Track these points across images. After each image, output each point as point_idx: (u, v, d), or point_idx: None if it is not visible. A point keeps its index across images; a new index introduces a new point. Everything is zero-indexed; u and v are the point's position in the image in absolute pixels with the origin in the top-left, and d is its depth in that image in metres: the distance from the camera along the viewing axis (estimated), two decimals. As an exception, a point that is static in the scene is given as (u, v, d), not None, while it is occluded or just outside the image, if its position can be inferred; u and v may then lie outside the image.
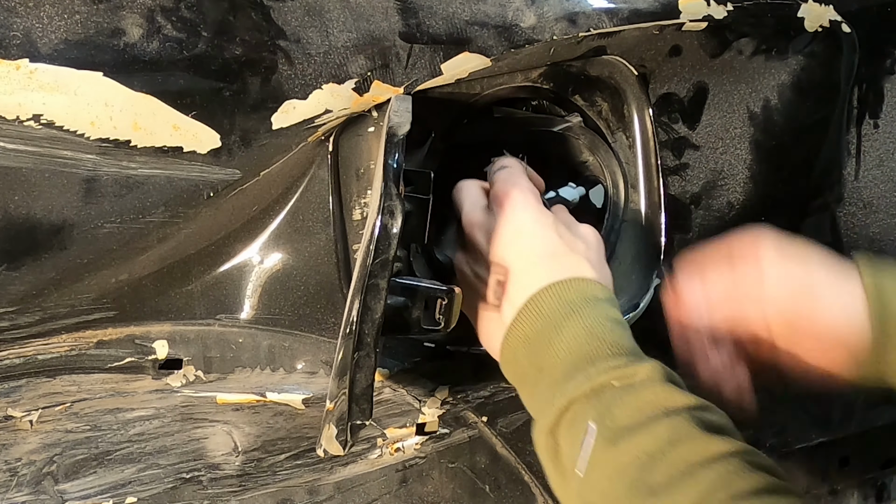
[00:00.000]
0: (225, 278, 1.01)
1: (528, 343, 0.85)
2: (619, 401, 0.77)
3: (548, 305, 0.85)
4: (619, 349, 0.81)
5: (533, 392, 0.85)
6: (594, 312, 0.84)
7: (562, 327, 0.83)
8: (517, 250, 0.89)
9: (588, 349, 0.81)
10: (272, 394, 1.02)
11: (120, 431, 1.01)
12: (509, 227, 0.90)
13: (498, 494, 1.14)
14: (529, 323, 0.85)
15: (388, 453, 1.08)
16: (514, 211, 0.91)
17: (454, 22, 0.96)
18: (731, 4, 1.05)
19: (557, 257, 0.88)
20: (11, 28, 0.84)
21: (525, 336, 0.85)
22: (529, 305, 0.85)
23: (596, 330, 0.82)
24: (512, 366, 0.88)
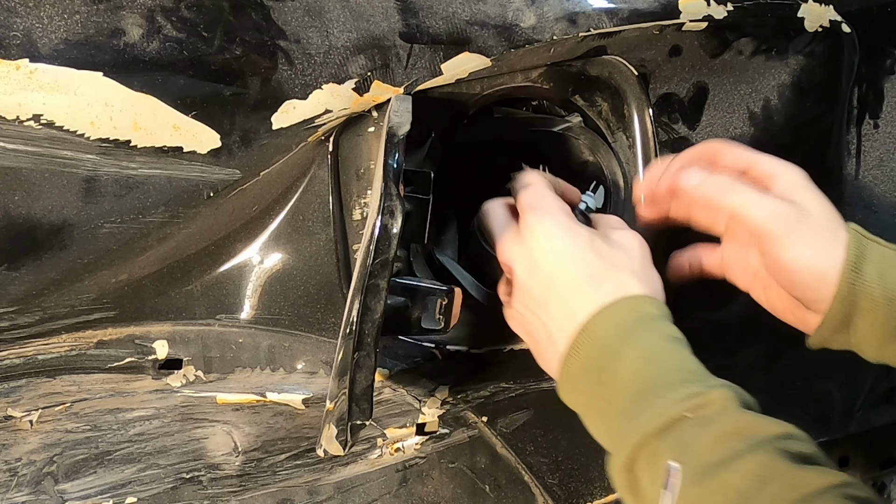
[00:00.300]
0: (225, 278, 1.01)
1: (588, 372, 0.82)
2: (697, 436, 0.74)
3: (601, 332, 0.82)
4: (685, 374, 0.79)
5: (600, 422, 0.82)
6: (651, 334, 0.81)
7: (620, 354, 0.80)
8: (558, 277, 0.86)
9: (653, 377, 0.79)
10: (272, 394, 1.02)
11: (120, 431, 1.01)
12: (545, 254, 0.87)
13: (498, 494, 1.14)
14: (585, 352, 0.82)
15: (388, 453, 1.08)
16: (548, 236, 0.87)
17: (454, 22, 0.96)
18: (731, 4, 1.05)
19: (600, 278, 0.85)
20: (11, 28, 0.84)
21: (583, 366, 0.82)
22: (582, 334, 0.83)
23: (657, 354, 0.80)
24: (572, 395, 0.85)
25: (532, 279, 0.87)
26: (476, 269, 1.12)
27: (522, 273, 0.88)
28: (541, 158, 1.21)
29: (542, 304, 0.86)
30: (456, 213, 1.18)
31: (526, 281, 0.88)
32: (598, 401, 0.81)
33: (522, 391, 1.12)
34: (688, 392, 0.77)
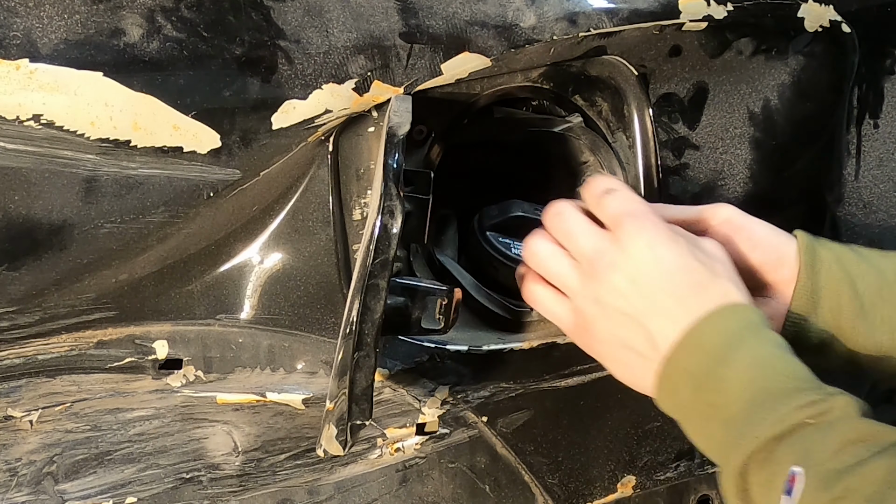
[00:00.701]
0: (225, 278, 1.01)
1: (693, 378, 0.81)
2: (820, 442, 0.74)
3: (709, 339, 0.81)
4: (800, 381, 0.79)
5: (704, 428, 0.82)
6: (759, 341, 0.81)
7: (729, 361, 0.80)
8: (664, 285, 0.84)
9: (767, 384, 0.78)
10: (272, 394, 1.02)
11: (120, 431, 1.01)
12: (649, 261, 0.85)
13: (498, 494, 1.14)
14: (690, 358, 0.81)
15: (388, 453, 1.08)
16: (650, 244, 0.85)
17: (454, 22, 0.96)
18: (731, 4, 1.05)
19: (705, 285, 0.84)
20: (11, 28, 0.84)
21: (688, 371, 0.81)
22: (688, 340, 0.82)
23: (768, 361, 0.80)
24: (671, 399, 0.84)
25: (633, 287, 0.85)
26: (476, 269, 1.12)
27: (622, 281, 0.85)
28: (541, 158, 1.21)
29: (643, 311, 0.84)
30: (456, 213, 1.18)
31: (626, 289, 0.85)
32: (704, 406, 0.81)
33: (522, 391, 1.12)
34: (807, 399, 0.77)
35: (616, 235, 0.86)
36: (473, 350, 1.08)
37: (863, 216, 1.24)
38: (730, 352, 0.80)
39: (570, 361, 1.13)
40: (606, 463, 1.19)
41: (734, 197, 1.15)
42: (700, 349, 0.81)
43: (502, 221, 1.11)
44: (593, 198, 0.90)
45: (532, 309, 1.13)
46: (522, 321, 1.13)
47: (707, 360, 0.81)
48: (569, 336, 0.91)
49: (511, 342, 1.10)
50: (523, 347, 1.10)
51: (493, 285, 1.12)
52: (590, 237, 0.88)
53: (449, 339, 1.06)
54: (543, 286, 0.92)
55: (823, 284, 0.90)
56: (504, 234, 1.10)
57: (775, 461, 0.75)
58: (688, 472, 1.24)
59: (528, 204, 1.13)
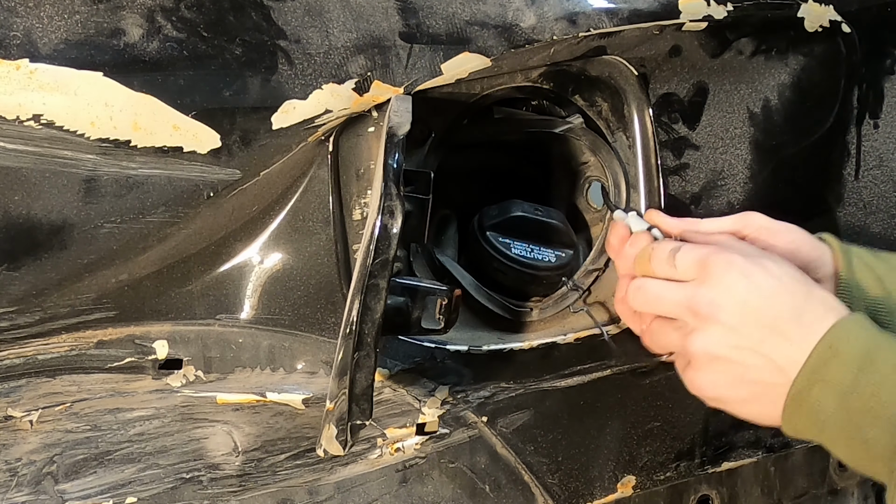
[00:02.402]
0: (225, 278, 1.01)
1: (837, 389, 0.81)
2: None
3: (845, 349, 0.82)
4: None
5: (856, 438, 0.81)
6: (891, 344, 0.82)
7: (876, 366, 0.80)
8: (768, 310, 0.85)
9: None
10: (272, 394, 1.02)
11: (120, 431, 1.01)
12: (748, 292, 0.85)
13: (498, 494, 1.14)
14: (831, 371, 0.81)
15: (388, 453, 1.08)
16: (744, 274, 0.85)
17: (454, 22, 0.96)
18: (731, 4, 1.05)
19: (807, 302, 0.85)
20: (11, 28, 0.84)
21: (831, 384, 0.81)
22: (822, 355, 0.82)
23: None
24: (812, 417, 0.83)
25: (743, 319, 0.85)
26: (476, 269, 1.12)
27: (730, 317, 0.85)
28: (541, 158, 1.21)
29: (759, 341, 0.84)
30: (456, 213, 1.18)
31: (736, 323, 0.85)
32: (856, 415, 0.81)
33: (522, 391, 1.12)
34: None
35: (705, 279, 0.86)
36: (473, 350, 1.08)
37: (863, 216, 1.24)
38: (871, 358, 0.80)
39: (570, 361, 1.13)
40: (606, 463, 1.19)
41: (734, 197, 1.15)
42: (839, 360, 0.81)
43: (502, 221, 1.11)
44: (663, 262, 0.90)
45: (532, 309, 1.13)
46: (522, 321, 1.13)
47: (850, 370, 0.81)
48: (690, 389, 0.91)
49: (511, 342, 1.10)
50: (523, 347, 1.10)
51: (493, 285, 1.12)
52: (678, 291, 0.88)
53: (449, 339, 1.06)
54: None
55: (858, 281, 0.93)
56: (504, 234, 1.10)
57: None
58: (688, 472, 1.24)
59: (528, 204, 1.13)
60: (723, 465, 1.27)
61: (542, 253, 1.11)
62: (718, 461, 1.26)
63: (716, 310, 0.85)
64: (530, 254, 1.10)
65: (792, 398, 0.83)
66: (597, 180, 1.17)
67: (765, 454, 1.28)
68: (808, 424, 0.83)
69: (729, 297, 0.85)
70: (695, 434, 1.23)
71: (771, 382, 0.84)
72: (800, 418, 0.83)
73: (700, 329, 0.86)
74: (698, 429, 1.23)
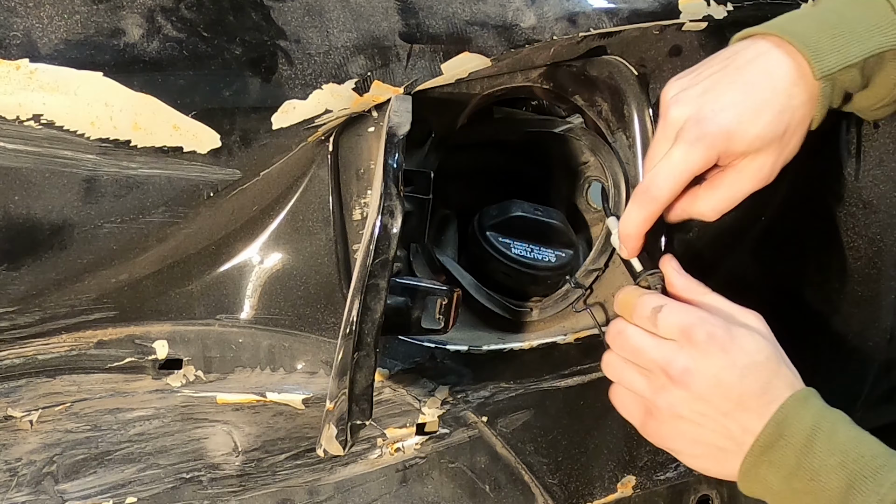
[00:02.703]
0: (225, 278, 1.01)
1: (782, 470, 0.86)
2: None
3: (791, 431, 0.86)
4: (883, 458, 0.83)
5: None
6: (834, 426, 0.85)
7: (815, 451, 0.84)
8: (740, 384, 0.88)
9: (856, 467, 0.83)
10: (272, 394, 1.02)
11: (120, 431, 1.01)
12: (725, 365, 0.88)
13: (498, 494, 1.14)
14: (776, 452, 0.86)
15: (388, 453, 1.08)
16: (724, 348, 0.89)
17: (454, 22, 0.96)
18: (731, 4, 1.05)
19: (774, 377, 0.89)
20: (11, 28, 0.84)
21: (776, 464, 0.86)
22: (769, 434, 0.86)
23: (849, 445, 0.84)
24: (760, 488, 0.88)
25: (714, 392, 0.88)
26: (476, 270, 1.12)
27: (702, 388, 0.89)
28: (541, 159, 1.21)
29: (725, 411, 0.88)
30: (456, 213, 1.18)
31: (707, 394, 0.89)
32: (799, 494, 0.86)
33: (522, 391, 1.12)
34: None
35: (685, 345, 0.89)
36: (473, 350, 1.08)
37: (863, 216, 1.24)
38: (812, 441, 0.84)
39: (570, 361, 1.13)
40: (606, 463, 1.19)
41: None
42: (784, 443, 0.86)
43: (502, 221, 1.11)
44: (645, 318, 0.92)
45: (532, 309, 1.13)
46: (522, 321, 1.13)
47: (793, 453, 0.85)
48: (640, 432, 0.95)
49: (511, 342, 1.10)
50: (523, 347, 1.10)
51: (493, 285, 1.12)
52: (656, 350, 0.91)
53: (449, 339, 1.06)
54: (622, 388, 0.96)
55: None
56: (504, 234, 1.10)
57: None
58: (688, 472, 1.24)
59: (528, 204, 1.13)
60: (723, 465, 1.27)
61: (542, 253, 1.11)
62: (718, 461, 1.26)
63: (690, 378, 0.89)
64: (530, 254, 1.10)
65: (743, 473, 0.88)
66: (597, 180, 1.17)
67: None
68: (759, 493, 0.89)
69: (705, 369, 0.88)
70: (695, 434, 1.23)
71: (728, 449, 0.89)
72: (752, 487, 0.89)
73: (670, 389, 0.90)
74: (698, 429, 1.23)
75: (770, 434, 0.86)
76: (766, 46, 0.92)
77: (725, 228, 1.15)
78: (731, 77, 0.92)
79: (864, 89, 0.94)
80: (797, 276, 1.25)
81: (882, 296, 1.28)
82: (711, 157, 0.91)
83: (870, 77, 0.92)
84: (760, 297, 1.23)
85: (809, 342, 1.27)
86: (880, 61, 0.91)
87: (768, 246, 1.22)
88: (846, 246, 1.24)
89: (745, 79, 0.91)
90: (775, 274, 1.25)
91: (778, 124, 0.91)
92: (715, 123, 0.90)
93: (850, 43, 0.90)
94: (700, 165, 0.91)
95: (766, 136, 0.91)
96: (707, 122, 0.90)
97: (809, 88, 0.91)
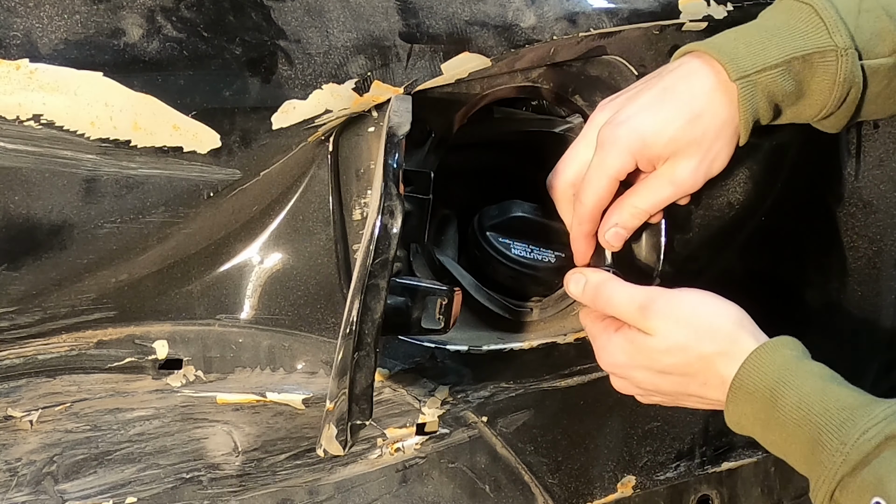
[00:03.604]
0: (225, 278, 1.01)
1: (758, 419, 0.87)
2: (892, 472, 0.78)
3: (754, 383, 0.87)
4: (848, 411, 0.82)
5: (791, 454, 0.86)
6: (802, 378, 0.85)
7: (779, 404, 0.84)
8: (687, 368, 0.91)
9: (819, 420, 0.83)
10: (272, 394, 1.02)
11: (120, 431, 1.01)
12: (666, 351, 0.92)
13: (498, 494, 1.14)
14: (747, 404, 0.87)
15: (388, 453, 1.08)
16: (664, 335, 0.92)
17: (454, 22, 0.96)
18: (731, 4, 1.05)
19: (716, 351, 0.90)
20: (11, 28, 0.84)
21: (751, 416, 0.87)
22: (737, 386, 0.87)
23: (815, 398, 0.84)
24: (749, 430, 0.89)
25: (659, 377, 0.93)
26: (476, 269, 1.12)
27: (647, 376, 0.94)
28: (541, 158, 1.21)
29: (686, 385, 0.92)
30: (456, 213, 1.18)
31: (653, 382, 0.94)
32: (774, 446, 0.87)
33: (522, 391, 1.12)
34: (861, 431, 0.80)
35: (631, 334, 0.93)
36: (473, 350, 1.08)
37: (863, 216, 1.24)
38: (776, 395, 0.84)
39: (570, 361, 1.13)
40: (606, 463, 1.19)
41: (734, 197, 1.15)
42: (751, 396, 0.86)
43: (502, 221, 1.11)
44: (595, 305, 0.97)
45: (532, 309, 1.13)
46: (522, 321, 1.13)
47: (763, 406, 0.85)
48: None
49: (511, 342, 1.10)
50: (523, 347, 1.10)
51: (493, 285, 1.12)
52: (616, 354, 0.95)
53: (449, 339, 1.06)
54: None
55: None
56: (504, 234, 1.10)
57: (859, 492, 0.79)
58: (688, 472, 1.24)
59: (528, 204, 1.13)
60: (723, 465, 1.27)
61: (542, 253, 1.11)
62: (718, 461, 1.26)
63: (633, 371, 0.95)
64: (530, 254, 1.10)
65: (730, 423, 0.89)
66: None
67: (765, 454, 1.28)
68: (750, 433, 0.89)
69: (646, 358, 0.93)
70: (695, 434, 1.23)
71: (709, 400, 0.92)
72: (742, 429, 0.89)
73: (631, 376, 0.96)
74: (698, 429, 1.23)
75: (737, 385, 0.86)
76: (688, 59, 0.93)
77: (725, 228, 1.16)
78: (651, 85, 0.94)
79: (802, 97, 0.93)
80: (797, 277, 1.25)
81: (882, 296, 1.28)
82: (627, 160, 0.92)
83: (801, 82, 0.91)
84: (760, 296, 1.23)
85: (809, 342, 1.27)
86: (808, 66, 0.91)
87: (768, 246, 1.22)
88: (846, 246, 1.24)
89: (665, 85, 0.93)
90: (775, 274, 1.25)
91: (694, 127, 0.91)
92: (628, 127, 0.92)
93: (768, 47, 0.90)
94: (617, 168, 0.93)
95: (681, 139, 0.91)
96: (621, 126, 0.92)
97: (728, 92, 0.91)
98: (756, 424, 0.86)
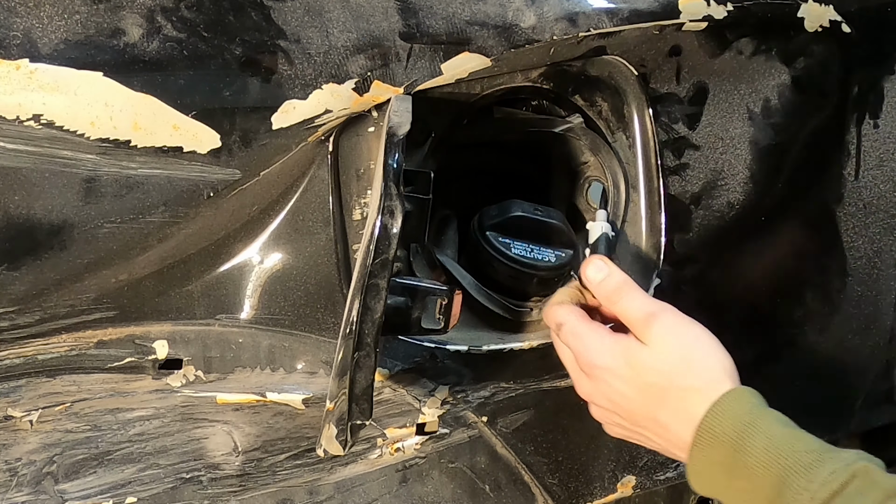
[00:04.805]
0: (225, 278, 1.01)
1: (723, 467, 0.86)
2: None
3: (721, 429, 0.86)
4: (816, 454, 0.83)
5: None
6: (768, 423, 0.85)
7: (747, 449, 0.84)
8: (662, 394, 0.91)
9: (788, 462, 0.82)
10: (272, 394, 1.02)
11: (120, 431, 1.01)
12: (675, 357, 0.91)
13: (498, 494, 1.14)
14: (713, 450, 0.86)
15: (388, 453, 1.08)
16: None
17: (454, 22, 0.96)
18: (731, 4, 1.05)
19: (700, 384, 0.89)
20: (11, 28, 0.84)
21: (713, 461, 0.86)
22: (703, 432, 0.87)
23: (782, 442, 0.84)
24: (710, 487, 0.89)
25: (628, 413, 0.93)
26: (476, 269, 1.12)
27: (624, 389, 0.93)
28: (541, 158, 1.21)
29: (645, 427, 0.93)
30: (456, 213, 1.18)
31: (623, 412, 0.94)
32: (741, 493, 0.85)
33: (522, 391, 1.12)
34: (829, 471, 0.80)
35: (645, 335, 0.92)
36: (473, 350, 1.08)
37: (863, 216, 1.24)
38: (744, 438, 0.84)
39: (570, 361, 1.13)
40: (606, 463, 1.19)
41: (734, 197, 1.15)
42: (718, 441, 0.86)
43: (502, 221, 1.11)
44: (607, 300, 0.96)
45: (532, 309, 1.13)
46: (522, 321, 1.13)
47: (728, 450, 0.85)
48: None
49: (511, 342, 1.10)
50: (523, 347, 1.10)
51: (493, 285, 1.12)
52: (604, 356, 0.93)
53: (449, 339, 1.06)
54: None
55: None
56: (504, 234, 1.10)
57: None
58: (688, 472, 1.24)
59: (528, 204, 1.13)
60: (723, 465, 1.27)
61: (542, 253, 1.11)
62: (718, 461, 1.26)
63: (610, 397, 0.95)
64: (530, 254, 1.10)
65: (691, 474, 0.89)
66: (597, 180, 1.17)
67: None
68: (709, 492, 0.89)
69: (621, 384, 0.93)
70: (695, 434, 1.23)
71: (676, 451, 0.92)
72: (701, 487, 0.89)
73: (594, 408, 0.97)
74: (698, 429, 1.23)
75: (703, 431, 0.86)
76: None
77: (725, 228, 1.16)
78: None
79: None
80: (797, 277, 1.25)
81: (882, 296, 1.28)
82: None
83: None
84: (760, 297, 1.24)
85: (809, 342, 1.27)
86: None
87: (768, 246, 1.22)
88: (846, 246, 1.24)
89: None
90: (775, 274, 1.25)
91: None
92: None
93: None
94: None
95: None
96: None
97: None
98: (720, 472, 0.86)
